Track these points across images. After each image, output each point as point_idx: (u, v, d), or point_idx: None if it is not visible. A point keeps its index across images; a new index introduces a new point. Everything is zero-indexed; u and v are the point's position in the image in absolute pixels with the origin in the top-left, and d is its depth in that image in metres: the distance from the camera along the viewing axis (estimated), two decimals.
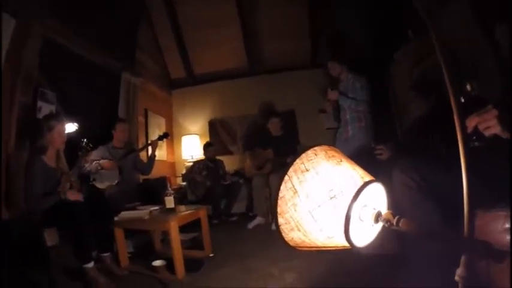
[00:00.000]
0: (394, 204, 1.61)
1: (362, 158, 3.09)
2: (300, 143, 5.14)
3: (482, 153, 1.06)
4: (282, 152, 4.14)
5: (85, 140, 2.58)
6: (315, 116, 4.16)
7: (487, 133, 1.01)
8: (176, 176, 5.79)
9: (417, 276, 1.45)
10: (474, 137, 1.04)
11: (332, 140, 3.82)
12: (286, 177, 0.82)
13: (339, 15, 4.65)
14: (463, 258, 0.80)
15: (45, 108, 2.94)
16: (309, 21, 5.02)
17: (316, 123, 4.31)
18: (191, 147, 5.66)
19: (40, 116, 2.80)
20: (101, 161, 3.23)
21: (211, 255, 2.81)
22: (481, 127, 1.01)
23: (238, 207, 4.93)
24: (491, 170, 1.19)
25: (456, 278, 0.81)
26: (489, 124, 1.00)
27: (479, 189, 1.04)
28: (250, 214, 4.58)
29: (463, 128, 0.87)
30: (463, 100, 1.16)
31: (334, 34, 4.82)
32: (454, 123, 0.78)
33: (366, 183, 0.80)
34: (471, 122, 1.02)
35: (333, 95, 3.50)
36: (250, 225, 3.92)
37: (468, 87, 1.23)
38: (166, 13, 5.12)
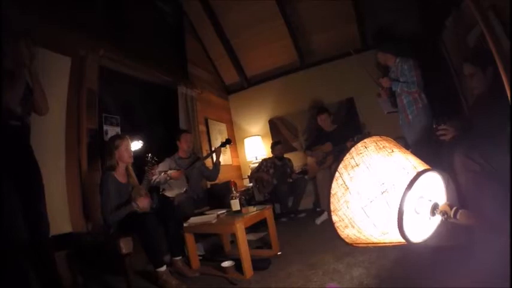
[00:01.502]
0: (457, 190, 1.45)
1: (427, 140, 2.83)
2: (362, 129, 4.93)
3: None
4: (340, 143, 4.00)
5: (149, 154, 2.75)
6: (375, 100, 3.94)
7: None
8: (243, 178, 5.93)
9: (484, 269, 1.27)
10: None
11: (394, 123, 3.61)
12: (337, 174, 0.80)
13: None
14: None
15: (111, 131, 3.26)
16: (352, 4, 4.75)
17: (377, 108, 4.06)
18: (254, 149, 5.75)
19: (107, 138, 3.10)
20: (169, 172, 3.44)
21: (279, 253, 2.81)
22: None
23: (306, 203, 4.88)
24: None
25: None
26: None
27: None
28: (318, 209, 4.50)
29: None
30: None
31: (377, 21, 4.57)
32: None
33: (419, 174, 0.75)
34: None
35: (385, 82, 3.44)
36: (318, 221, 3.84)
37: None
38: (209, 21, 5.27)
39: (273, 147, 5.10)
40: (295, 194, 4.74)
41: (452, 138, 1.99)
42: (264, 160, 5.08)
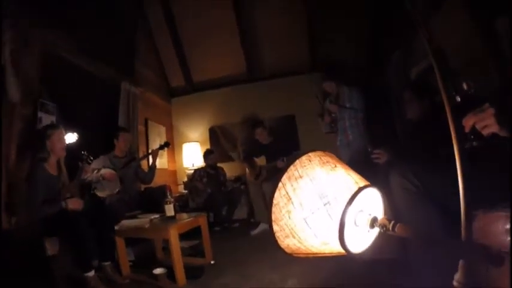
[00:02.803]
0: (393, 208, 1.60)
1: (362, 160, 3.11)
2: (299, 148, 5.16)
3: (481, 152, 1.05)
4: (274, 158, 4.14)
5: (85, 152, 2.58)
6: (315, 120, 4.19)
7: (485, 132, 0.98)
8: (178, 184, 5.78)
9: (418, 281, 1.42)
10: (472, 137, 1.02)
11: (332, 143, 3.85)
12: (280, 185, 0.81)
13: (333, 23, 4.72)
14: (460, 263, 0.79)
15: (46, 119, 2.97)
16: (306, 27, 5.05)
17: (316, 127, 4.31)
18: (192, 155, 5.66)
19: (40, 127, 2.81)
20: (102, 170, 3.22)
21: (212, 262, 2.79)
22: (478, 126, 0.99)
23: (240, 213, 4.91)
24: (491, 169, 1.17)
25: (454, 283, 0.79)
26: (487, 123, 0.96)
27: (480, 190, 1.02)
28: (252, 220, 4.56)
29: (458, 127, 0.85)
30: (459, 99, 1.14)
31: (328, 51, 4.93)
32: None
33: (361, 189, 0.79)
34: (468, 121, 0.99)
35: (333, 108, 3.68)
36: (254, 232, 3.89)
37: (464, 86, 1.21)
38: (166, 23, 5.18)
39: (206, 156, 5.07)
40: (229, 204, 4.75)
41: (385, 162, 2.21)
42: (197, 170, 5.04)
